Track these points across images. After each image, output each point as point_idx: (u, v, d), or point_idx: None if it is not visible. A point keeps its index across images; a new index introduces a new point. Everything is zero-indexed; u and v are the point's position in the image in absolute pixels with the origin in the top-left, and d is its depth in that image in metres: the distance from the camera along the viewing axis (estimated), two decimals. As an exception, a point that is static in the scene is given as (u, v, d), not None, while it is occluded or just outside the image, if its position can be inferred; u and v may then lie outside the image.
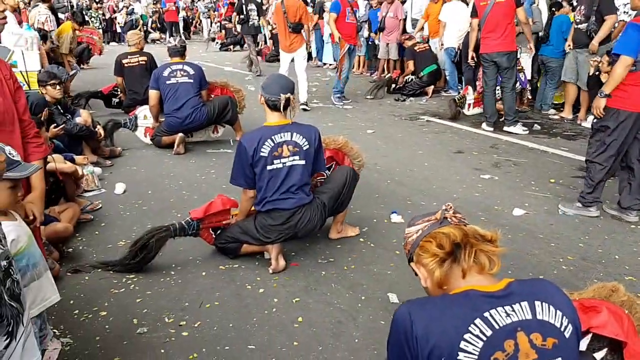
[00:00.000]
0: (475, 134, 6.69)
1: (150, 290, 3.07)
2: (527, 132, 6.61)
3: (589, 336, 1.57)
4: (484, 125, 6.87)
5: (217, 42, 19.00)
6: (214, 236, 3.43)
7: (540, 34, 7.51)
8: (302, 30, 7.90)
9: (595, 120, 4.03)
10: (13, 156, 1.87)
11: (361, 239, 3.68)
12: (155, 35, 21.47)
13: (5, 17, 2.02)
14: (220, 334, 2.66)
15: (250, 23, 12.10)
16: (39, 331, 2.06)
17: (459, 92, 9.02)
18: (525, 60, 7.57)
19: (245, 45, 13.96)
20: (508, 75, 6.52)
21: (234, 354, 2.51)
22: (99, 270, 3.26)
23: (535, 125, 6.92)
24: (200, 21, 23.44)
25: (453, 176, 5.04)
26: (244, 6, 11.96)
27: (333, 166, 3.75)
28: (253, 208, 3.40)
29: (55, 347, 2.48)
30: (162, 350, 2.53)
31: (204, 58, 14.29)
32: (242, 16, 12.10)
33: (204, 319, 2.79)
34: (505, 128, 6.70)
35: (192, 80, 5.74)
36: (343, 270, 3.28)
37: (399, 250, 3.51)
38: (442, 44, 9.15)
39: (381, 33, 10.62)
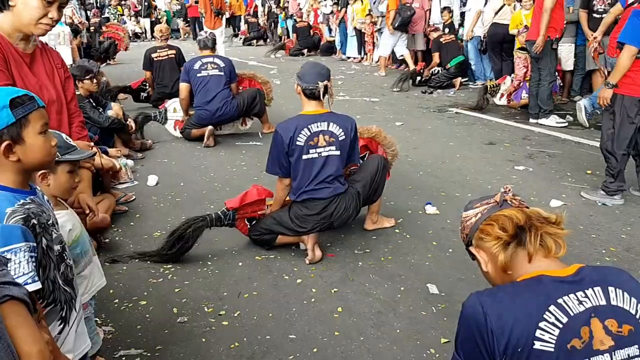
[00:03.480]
0: (506, 125, 6.58)
1: (188, 280, 3.07)
2: (566, 124, 6.44)
3: None
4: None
5: (240, 37, 19.05)
6: (249, 227, 3.43)
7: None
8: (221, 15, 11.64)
9: (603, 110, 4.04)
10: (69, 141, 1.89)
11: (397, 230, 3.64)
12: (184, 29, 21.48)
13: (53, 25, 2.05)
14: (260, 323, 2.65)
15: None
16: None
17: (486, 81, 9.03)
18: (566, 50, 7.45)
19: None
20: (540, 65, 6.37)
21: (275, 344, 2.49)
22: (137, 260, 3.28)
23: (568, 116, 6.79)
24: None
25: (486, 167, 4.96)
26: None
27: (367, 155, 3.71)
28: (288, 198, 3.39)
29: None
30: (204, 339, 2.53)
31: (228, 53, 14.30)
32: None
33: (242, 308, 2.78)
34: (537, 120, 6.57)
35: (222, 73, 5.75)
36: (380, 261, 3.25)
37: (436, 241, 3.46)
38: (472, 33, 9.10)
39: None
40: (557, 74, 7.04)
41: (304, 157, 3.18)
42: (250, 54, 14.97)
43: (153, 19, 20.49)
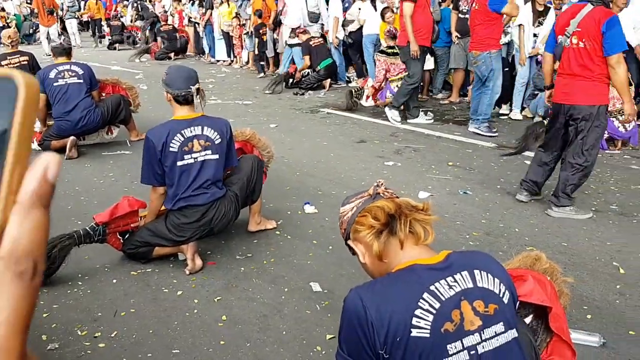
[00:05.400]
0: (374, 123, 6.88)
1: (57, 303, 2.84)
2: (399, 121, 6.78)
3: (517, 304, 1.65)
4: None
5: (107, 39, 17.99)
6: (122, 241, 3.25)
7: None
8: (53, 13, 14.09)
9: None
10: None
11: (277, 232, 3.65)
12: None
13: None
14: (140, 341, 2.53)
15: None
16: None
17: (349, 82, 9.42)
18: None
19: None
20: (406, 68, 6.75)
21: (158, 361, 2.39)
22: (-5, 287, 2.97)
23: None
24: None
25: (359, 164, 5.15)
26: None
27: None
28: (163, 207, 3.26)
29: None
30: (78, 366, 2.36)
31: (87, 58, 13.48)
32: None
33: (120, 328, 2.63)
34: (386, 110, 6.98)
35: (81, 81, 5.38)
36: (262, 264, 3.24)
37: (316, 240, 3.53)
38: (337, 38, 9.43)
39: (278, 28, 10.63)
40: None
41: (179, 163, 3.07)
42: (113, 58, 14.20)
43: None
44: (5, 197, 0.33)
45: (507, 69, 6.94)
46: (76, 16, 18.54)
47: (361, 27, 9.05)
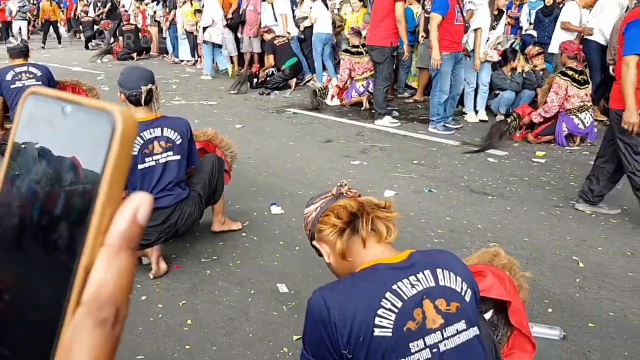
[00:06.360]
0: (340, 123, 6.90)
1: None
2: (399, 124, 6.72)
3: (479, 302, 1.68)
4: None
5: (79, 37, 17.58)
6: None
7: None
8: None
9: None
10: None
11: (243, 234, 3.63)
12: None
13: None
14: (103, 348, 2.47)
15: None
16: None
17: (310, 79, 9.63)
18: None
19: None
20: (378, 70, 6.66)
21: (121, 368, 2.35)
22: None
23: (394, 112, 7.31)
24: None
25: (325, 164, 5.16)
26: None
27: None
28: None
29: None
30: (39, 376, 2.29)
31: (48, 59, 13.15)
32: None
33: (82, 335, 2.57)
34: (375, 121, 6.86)
35: (39, 82, 5.22)
36: (228, 266, 3.21)
37: (282, 241, 3.52)
38: (288, 33, 9.50)
39: (242, 27, 10.57)
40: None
41: (140, 166, 3.02)
42: (74, 59, 13.87)
43: None
44: (94, 237, 0.31)
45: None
46: (27, 17, 17.92)
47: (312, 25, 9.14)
